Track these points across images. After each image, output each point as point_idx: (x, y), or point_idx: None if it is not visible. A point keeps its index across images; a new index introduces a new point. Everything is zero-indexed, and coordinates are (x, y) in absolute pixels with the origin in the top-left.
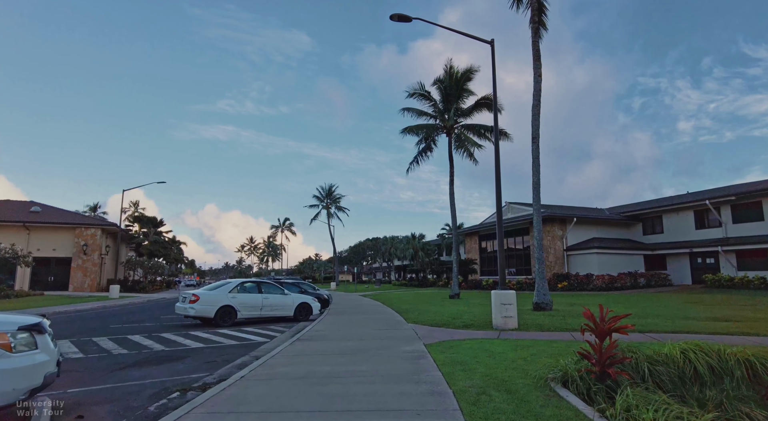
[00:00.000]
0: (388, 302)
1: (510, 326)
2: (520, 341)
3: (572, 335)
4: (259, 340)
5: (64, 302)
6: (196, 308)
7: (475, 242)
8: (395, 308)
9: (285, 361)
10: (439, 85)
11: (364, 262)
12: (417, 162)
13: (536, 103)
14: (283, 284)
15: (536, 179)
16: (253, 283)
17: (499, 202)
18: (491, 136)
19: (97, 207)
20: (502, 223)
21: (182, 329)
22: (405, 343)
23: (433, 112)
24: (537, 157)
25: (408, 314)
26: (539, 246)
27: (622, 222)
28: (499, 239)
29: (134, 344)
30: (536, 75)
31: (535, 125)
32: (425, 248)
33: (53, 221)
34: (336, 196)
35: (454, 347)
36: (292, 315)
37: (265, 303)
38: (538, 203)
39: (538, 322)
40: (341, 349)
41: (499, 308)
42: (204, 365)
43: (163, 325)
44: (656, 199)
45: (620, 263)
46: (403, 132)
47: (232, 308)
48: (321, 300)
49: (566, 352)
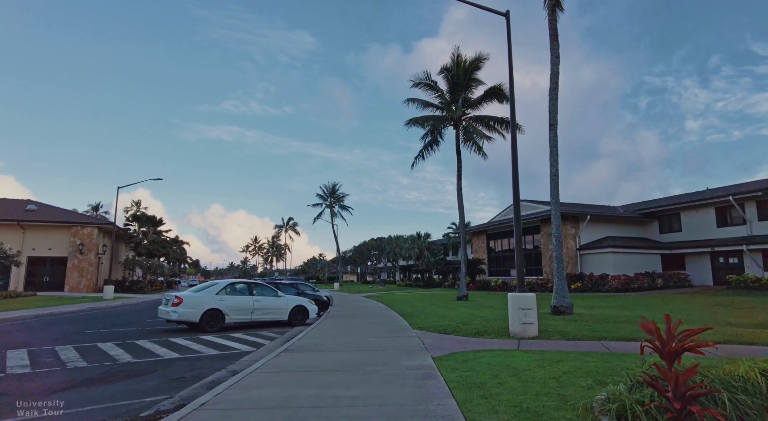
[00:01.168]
0: (392, 304)
1: (530, 333)
2: (546, 353)
3: (604, 345)
4: (244, 349)
5: (52, 303)
6: (178, 312)
7: (483, 241)
8: (399, 311)
9: (263, 379)
10: (446, 75)
11: (369, 262)
12: (422, 156)
13: (553, 86)
14: (279, 284)
15: (554, 170)
16: (243, 284)
17: (517, 192)
18: (501, 129)
19: (99, 206)
20: (520, 218)
21: (163, 335)
22: (409, 355)
23: (439, 103)
24: (555, 145)
25: (413, 318)
26: (558, 243)
27: (638, 220)
28: (516, 236)
29: (99, 355)
30: (553, 56)
31: (552, 111)
32: (431, 248)
33: (48, 220)
34: (339, 195)
35: (468, 361)
36: (287, 319)
37: (257, 306)
38: (556, 196)
39: (561, 329)
40: (333, 363)
41: (517, 314)
42: (168, 383)
43: (146, 330)
44: (673, 196)
45: (636, 262)
46: (407, 124)
47: (220, 311)
48: (319, 302)
49: (607, 370)
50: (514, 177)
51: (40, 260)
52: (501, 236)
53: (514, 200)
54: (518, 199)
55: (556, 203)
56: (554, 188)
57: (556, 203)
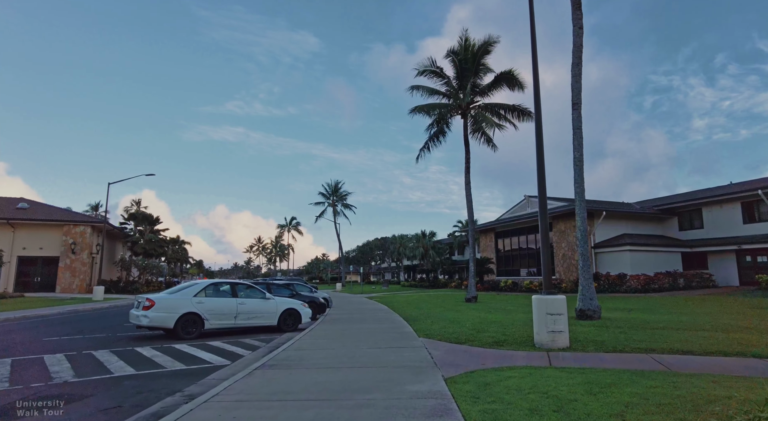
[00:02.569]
0: (396, 307)
1: (560, 344)
2: (587, 372)
3: (656, 359)
4: (217, 362)
5: (34, 305)
6: (149, 317)
7: (491, 239)
8: (403, 314)
9: (212, 418)
10: (453, 58)
11: (373, 262)
12: (428, 148)
13: (576, 61)
14: (270, 286)
15: (578, 155)
16: (226, 284)
17: (542, 175)
18: (513, 118)
19: (99, 206)
20: (546, 208)
21: (132, 343)
22: (415, 375)
23: (446, 91)
24: (579, 127)
25: (418, 323)
26: (584, 238)
27: (656, 216)
28: (542, 229)
29: (35, 372)
30: (576, 27)
31: (575, 88)
32: (436, 247)
33: (39, 218)
34: (342, 194)
35: (491, 384)
36: (276, 324)
37: (242, 310)
38: (581, 184)
39: (593, 337)
40: (317, 387)
41: (544, 320)
42: (95, 416)
43: (116, 336)
44: (695, 191)
45: (655, 261)
46: (412, 112)
47: (198, 315)
48: (315, 305)
49: (685, 401)
50: (538, 158)
51: (30, 260)
52: (510, 234)
53: (539, 187)
54: (543, 185)
55: (581, 193)
56: (578, 175)
57: (581, 193)
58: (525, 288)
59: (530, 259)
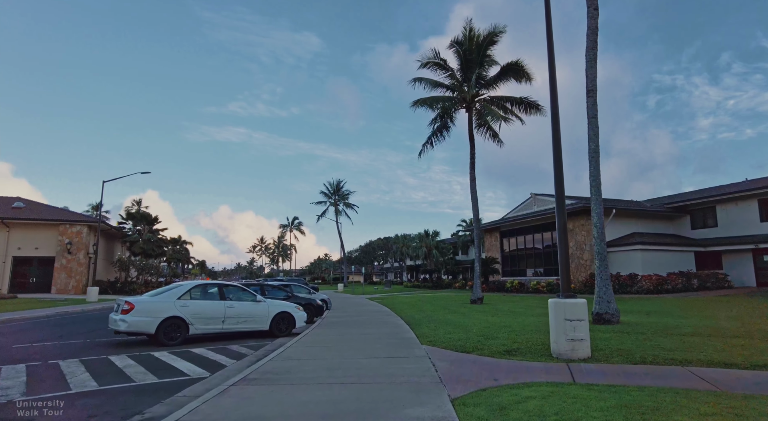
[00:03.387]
0: (398, 308)
1: (580, 353)
2: (620, 391)
3: (694, 373)
4: (195, 374)
5: (24, 307)
6: (128, 321)
7: (496, 238)
8: (405, 317)
9: None
10: (457, 49)
11: (375, 262)
12: (431, 143)
13: (591, 44)
14: (264, 287)
15: (594, 146)
16: (213, 286)
17: (559, 160)
18: (520, 111)
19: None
20: (563, 200)
21: (110, 350)
22: (416, 394)
23: (449, 84)
24: (594, 115)
25: (421, 327)
26: (600, 235)
27: (667, 215)
28: (559, 223)
29: None
30: (591, 8)
31: (590, 74)
32: (439, 247)
33: (34, 218)
34: (344, 193)
35: (506, 409)
36: (268, 328)
37: (230, 313)
38: (597, 178)
39: (616, 344)
40: (296, 411)
41: (562, 326)
42: None
43: (94, 342)
44: (708, 189)
45: (667, 261)
46: (414, 105)
47: (182, 320)
48: (313, 307)
49: None
50: (555, 146)
51: (26, 260)
52: (516, 234)
53: (556, 178)
54: (561, 176)
55: (597, 187)
56: (594, 168)
57: (597, 187)
58: (532, 289)
59: (537, 259)
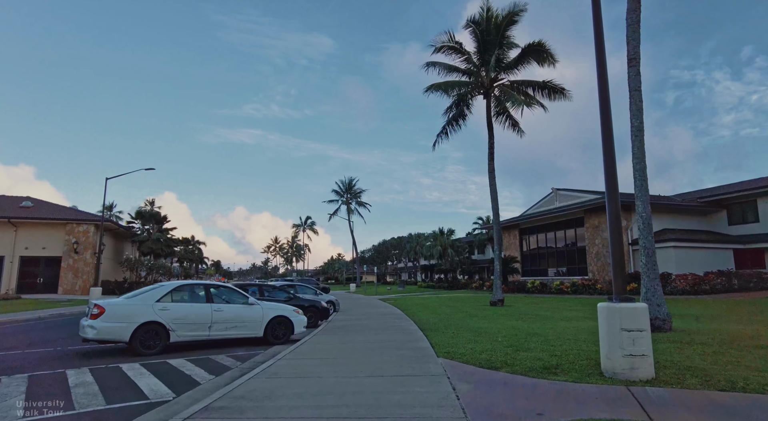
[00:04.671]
0: (411, 311)
1: (642, 373)
2: None
3: None
4: (155, 396)
5: (21, 308)
6: (97, 327)
7: (515, 237)
8: (419, 321)
9: None
10: (473, 30)
11: (389, 262)
12: (446, 133)
13: (633, 6)
14: (263, 287)
15: (638, 122)
16: (199, 287)
17: (609, 127)
18: (543, 97)
19: (113, 206)
20: (616, 179)
21: (77, 360)
22: None
23: (465, 68)
24: (638, 88)
25: (438, 335)
26: (647, 227)
27: (701, 210)
28: (611, 209)
29: None
30: None
31: (633, 41)
32: (455, 246)
33: (41, 217)
34: (356, 191)
35: None
36: (262, 335)
37: (218, 318)
38: (642, 160)
39: (683, 361)
40: None
41: (617, 338)
42: None
43: (65, 351)
44: (748, 181)
45: (703, 259)
46: (428, 90)
47: (162, 325)
48: (317, 310)
49: None
50: (602, 105)
51: (33, 260)
52: (536, 231)
53: (605, 147)
54: (611, 142)
55: (642, 170)
56: (638, 148)
57: (642, 170)
58: (555, 290)
59: (559, 257)
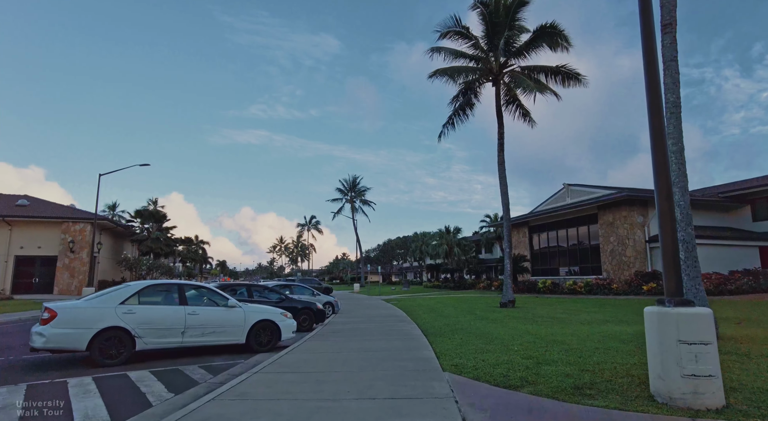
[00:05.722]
0: (415, 313)
1: (709, 400)
2: None
3: None
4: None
5: (9, 309)
6: (46, 335)
7: (524, 234)
8: (423, 325)
9: None
10: (481, 11)
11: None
12: (452, 124)
13: None
14: (251, 287)
15: (675, 97)
16: (173, 286)
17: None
18: (556, 83)
19: (116, 206)
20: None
21: (19, 374)
22: None
23: (473, 54)
24: (674, 58)
25: (443, 342)
26: (686, 217)
27: (722, 205)
28: (661, 186)
29: None
30: None
31: (667, 3)
32: (461, 245)
33: (36, 215)
34: (360, 189)
35: None
36: (244, 341)
37: (192, 322)
38: (679, 140)
39: (750, 380)
40: None
41: (673, 353)
42: None
43: (18, 361)
44: None
45: (726, 257)
46: (432, 76)
47: (126, 331)
48: (312, 312)
49: None
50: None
51: (28, 260)
52: (547, 229)
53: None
54: (659, 104)
55: (679, 152)
56: (675, 128)
57: (679, 152)
58: (567, 290)
59: (571, 256)
